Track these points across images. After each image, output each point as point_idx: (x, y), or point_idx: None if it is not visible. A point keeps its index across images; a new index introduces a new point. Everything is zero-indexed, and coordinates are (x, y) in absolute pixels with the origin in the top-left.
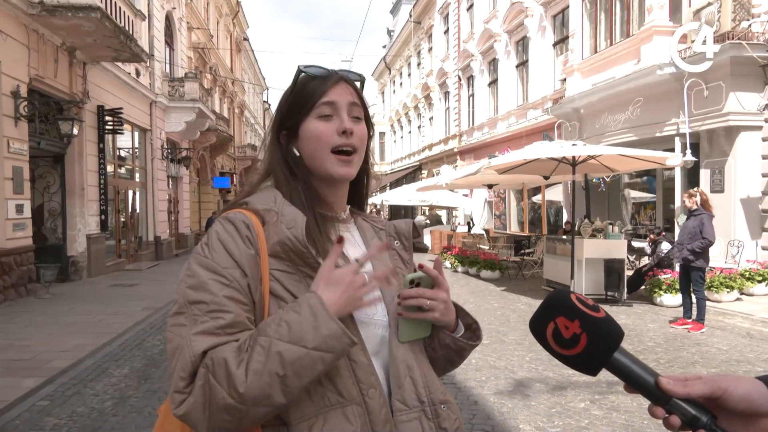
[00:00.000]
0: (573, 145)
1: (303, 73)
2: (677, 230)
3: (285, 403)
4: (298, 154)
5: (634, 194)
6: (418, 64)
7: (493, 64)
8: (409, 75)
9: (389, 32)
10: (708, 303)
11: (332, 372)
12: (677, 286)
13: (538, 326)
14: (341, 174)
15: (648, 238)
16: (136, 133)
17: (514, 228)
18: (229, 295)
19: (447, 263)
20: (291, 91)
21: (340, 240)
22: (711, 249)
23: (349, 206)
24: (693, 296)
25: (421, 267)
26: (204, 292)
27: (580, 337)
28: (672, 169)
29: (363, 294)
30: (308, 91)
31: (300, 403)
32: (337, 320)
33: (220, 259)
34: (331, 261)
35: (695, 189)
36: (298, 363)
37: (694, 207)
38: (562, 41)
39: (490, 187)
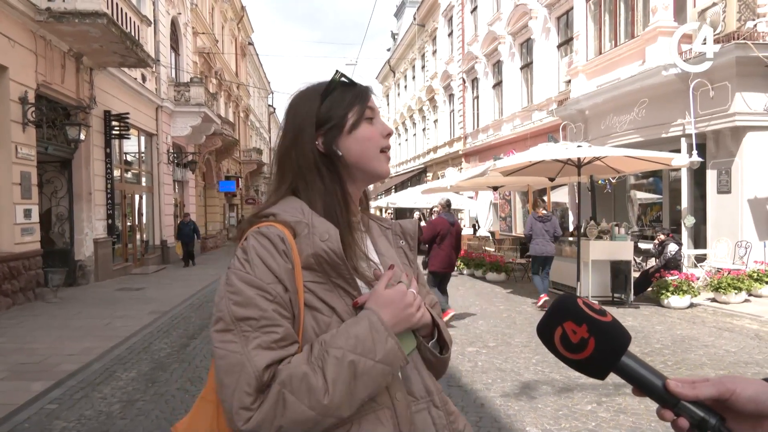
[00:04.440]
0: (578, 146)
1: (343, 77)
2: (684, 231)
3: (347, 417)
4: (341, 153)
5: (641, 195)
6: (423, 67)
7: (497, 66)
8: (414, 78)
9: (393, 35)
10: (716, 304)
11: None
12: (684, 288)
13: (545, 331)
14: (386, 170)
15: (656, 239)
16: (143, 138)
17: (519, 230)
18: (275, 309)
19: None
20: (327, 92)
21: (392, 266)
22: (718, 250)
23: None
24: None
25: (394, 266)
26: (253, 308)
27: (588, 342)
28: (678, 170)
29: (412, 313)
30: (353, 94)
31: None
32: (394, 336)
33: (262, 275)
34: (383, 282)
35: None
36: (367, 375)
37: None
38: (566, 43)
39: (495, 189)
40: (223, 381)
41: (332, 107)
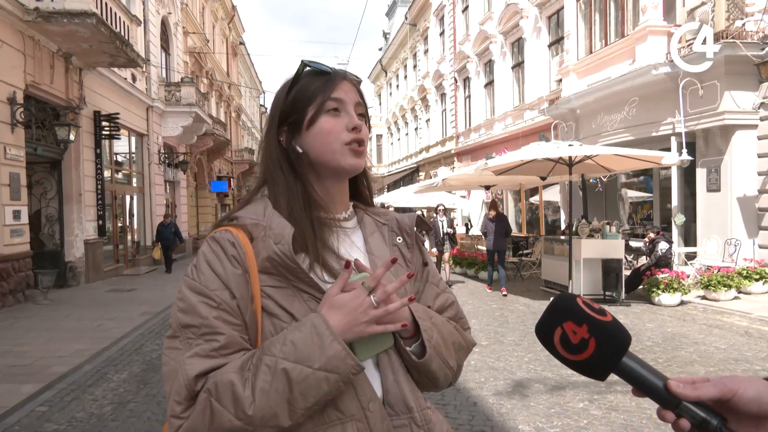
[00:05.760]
0: (569, 145)
1: (307, 68)
2: (674, 229)
3: (290, 426)
4: (301, 150)
5: (631, 194)
6: (414, 67)
7: (489, 65)
8: (406, 77)
9: (385, 35)
10: (706, 302)
11: None
12: (675, 286)
13: (544, 331)
14: (353, 165)
15: (646, 237)
16: (133, 138)
17: (513, 229)
18: (218, 316)
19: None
20: (293, 85)
21: (348, 265)
22: (708, 248)
23: (353, 203)
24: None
25: (350, 264)
26: (194, 316)
27: (589, 342)
28: (668, 168)
29: (368, 319)
30: (316, 85)
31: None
32: (340, 341)
33: (207, 281)
34: (338, 285)
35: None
36: (304, 383)
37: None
38: (557, 42)
39: (487, 188)
40: (165, 388)
41: (294, 101)
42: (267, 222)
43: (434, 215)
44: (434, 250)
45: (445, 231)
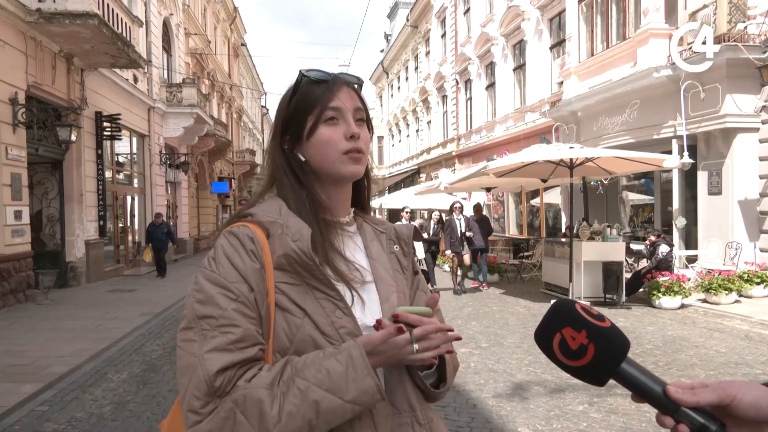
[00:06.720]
0: (570, 147)
1: (305, 77)
2: (675, 232)
3: None
4: (303, 159)
5: (632, 197)
6: (416, 68)
7: (490, 67)
8: (407, 79)
9: (386, 36)
10: (707, 305)
11: None
12: (675, 289)
13: (544, 337)
14: (352, 172)
15: (647, 240)
16: (134, 139)
17: (512, 231)
18: (237, 308)
19: (446, 266)
20: (293, 95)
21: (398, 324)
22: (709, 251)
23: (353, 209)
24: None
25: (381, 323)
26: (212, 307)
27: (588, 348)
28: (670, 171)
29: (402, 359)
30: (314, 96)
31: None
32: (373, 375)
33: (226, 274)
34: (385, 333)
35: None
36: (331, 414)
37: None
38: (558, 44)
39: (488, 190)
40: (179, 381)
41: (294, 111)
42: (284, 220)
43: (451, 214)
44: (448, 252)
45: (462, 231)
